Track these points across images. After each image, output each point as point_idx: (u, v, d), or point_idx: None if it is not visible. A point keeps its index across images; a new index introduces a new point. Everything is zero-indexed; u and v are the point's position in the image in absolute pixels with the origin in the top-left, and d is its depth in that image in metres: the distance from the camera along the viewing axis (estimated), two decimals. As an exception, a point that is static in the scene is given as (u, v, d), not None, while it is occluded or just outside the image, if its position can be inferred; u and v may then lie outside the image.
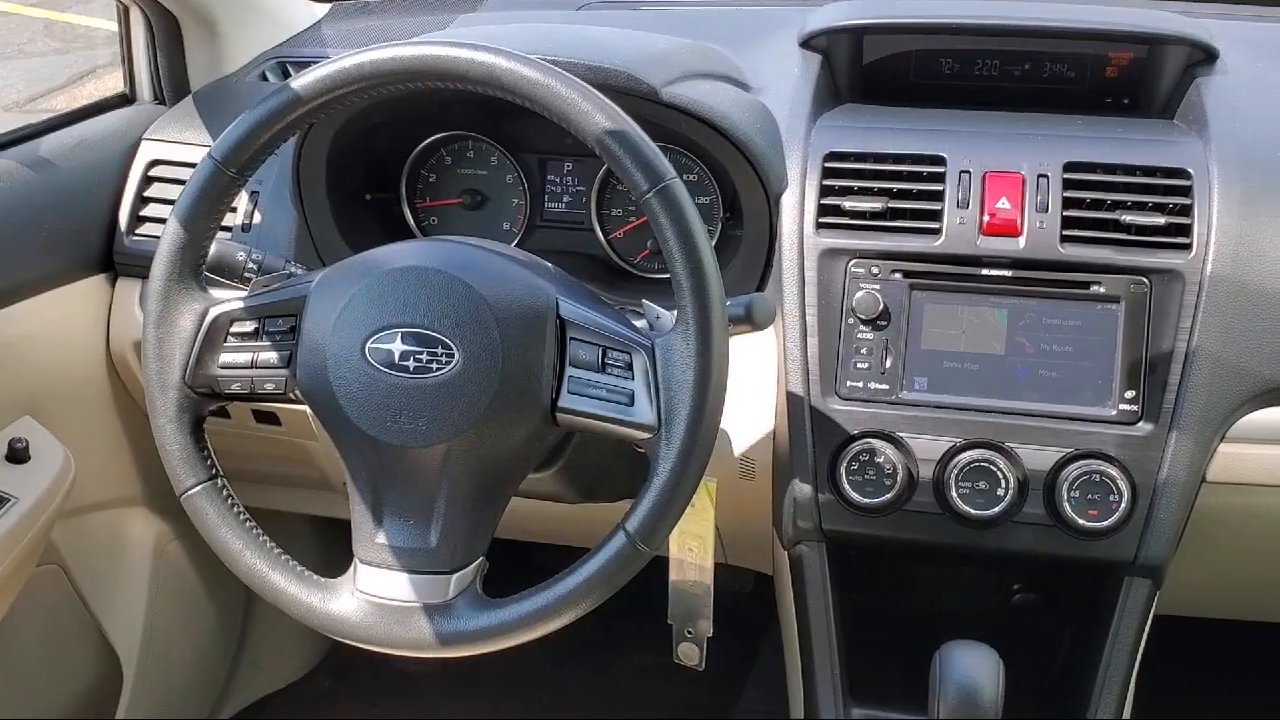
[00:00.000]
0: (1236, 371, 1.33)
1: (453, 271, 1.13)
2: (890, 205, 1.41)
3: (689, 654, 1.52)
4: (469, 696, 2.19)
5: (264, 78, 1.80)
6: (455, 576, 1.14)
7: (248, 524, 1.20)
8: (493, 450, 1.13)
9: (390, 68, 1.14)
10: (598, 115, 1.10)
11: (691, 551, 1.47)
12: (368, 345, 1.12)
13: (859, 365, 1.40)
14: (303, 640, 2.27)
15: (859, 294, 1.40)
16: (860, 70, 1.64)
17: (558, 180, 1.65)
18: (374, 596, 1.15)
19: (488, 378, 1.10)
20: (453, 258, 1.15)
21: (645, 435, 1.11)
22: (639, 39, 1.54)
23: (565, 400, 1.13)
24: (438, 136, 1.64)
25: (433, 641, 1.14)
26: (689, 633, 1.51)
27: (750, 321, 1.19)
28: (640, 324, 1.17)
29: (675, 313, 1.11)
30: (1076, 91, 1.60)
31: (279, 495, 1.93)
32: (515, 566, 1.31)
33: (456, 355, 1.10)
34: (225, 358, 1.21)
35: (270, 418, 1.66)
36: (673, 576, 1.50)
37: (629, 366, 1.12)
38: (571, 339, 1.14)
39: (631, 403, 1.12)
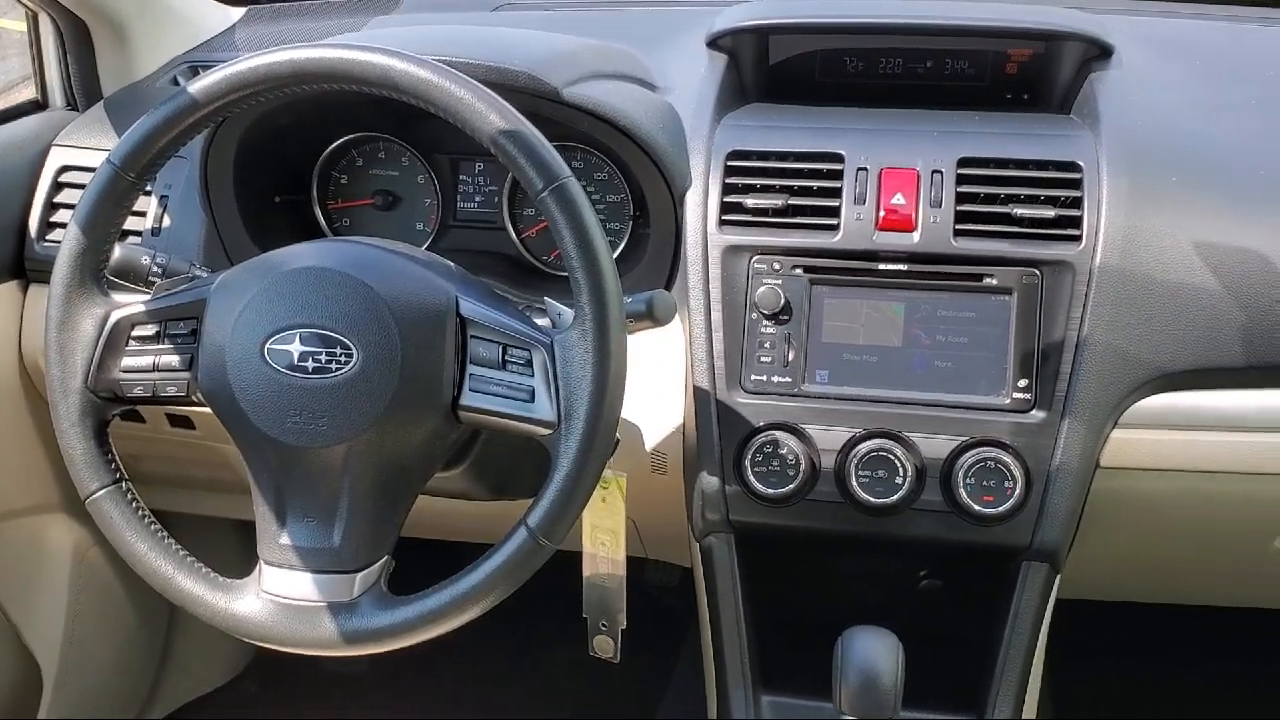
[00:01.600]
0: (1126, 359, 1.37)
1: (351, 271, 1.14)
2: (790, 202, 1.44)
3: (604, 646, 1.54)
4: (396, 695, 2.20)
5: (175, 82, 1.79)
6: (360, 575, 1.16)
7: (152, 527, 1.21)
8: (395, 449, 1.14)
9: (286, 71, 1.15)
10: (492, 115, 1.11)
11: (604, 545, 1.49)
12: (267, 346, 1.13)
13: (763, 359, 1.43)
14: (229, 644, 2.27)
15: (761, 289, 1.42)
16: (767, 70, 1.66)
17: (470, 180, 1.67)
18: (279, 597, 1.16)
19: (387, 377, 1.11)
20: (351, 258, 1.16)
21: (546, 431, 1.13)
22: (545, 40, 1.56)
23: (466, 398, 1.15)
24: (348, 138, 1.64)
25: (337, 640, 1.15)
26: (604, 626, 1.53)
27: (651, 317, 1.21)
28: (543, 322, 1.18)
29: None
30: (978, 88, 1.64)
31: (199, 499, 1.93)
32: (429, 564, 1.32)
33: (356, 355, 1.11)
34: (127, 361, 1.21)
35: (184, 421, 1.66)
36: (586, 571, 1.51)
37: (529, 363, 1.14)
38: (472, 337, 1.16)
39: (532, 399, 1.13)
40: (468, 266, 1.27)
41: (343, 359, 1.12)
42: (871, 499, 1.38)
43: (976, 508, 1.36)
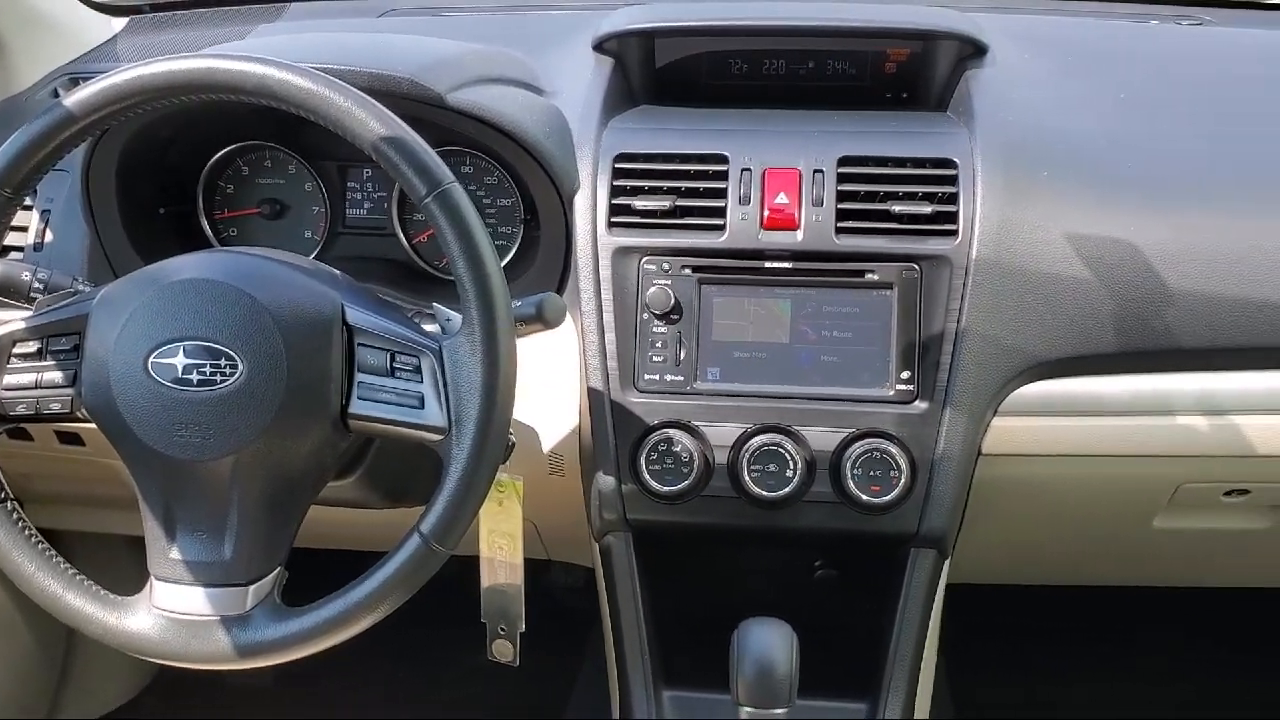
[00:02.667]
0: (1003, 349, 1.41)
1: (234, 282, 1.14)
2: (678, 204, 1.46)
3: (503, 651, 1.54)
4: (301, 704, 2.18)
5: (55, 94, 1.76)
6: (252, 588, 1.15)
7: (39, 545, 1.19)
8: (284, 460, 1.14)
9: (163, 82, 1.14)
10: (372, 122, 1.12)
11: (502, 550, 1.49)
12: (150, 360, 1.12)
13: (655, 359, 1.45)
14: (129, 662, 2.23)
15: (651, 290, 1.44)
16: (653, 73, 1.68)
17: (358, 187, 1.66)
18: (171, 612, 1.15)
19: (273, 388, 1.11)
20: (234, 269, 1.16)
21: (437, 437, 1.14)
22: (430, 45, 1.56)
23: (355, 406, 1.15)
24: (233, 147, 1.63)
25: (231, 654, 1.14)
26: (503, 630, 1.54)
27: (542, 320, 1.22)
28: (432, 327, 1.19)
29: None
30: (859, 87, 1.67)
31: (93, 516, 1.90)
32: (329, 575, 1.32)
33: (241, 366, 1.11)
34: (9, 379, 1.19)
35: (73, 438, 1.63)
36: (484, 575, 1.52)
37: (417, 370, 1.15)
38: (359, 345, 1.16)
39: (421, 405, 1.14)
40: (358, 273, 1.27)
41: (228, 371, 1.11)
42: (764, 493, 1.41)
43: (864, 498, 1.40)
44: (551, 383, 1.49)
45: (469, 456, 1.12)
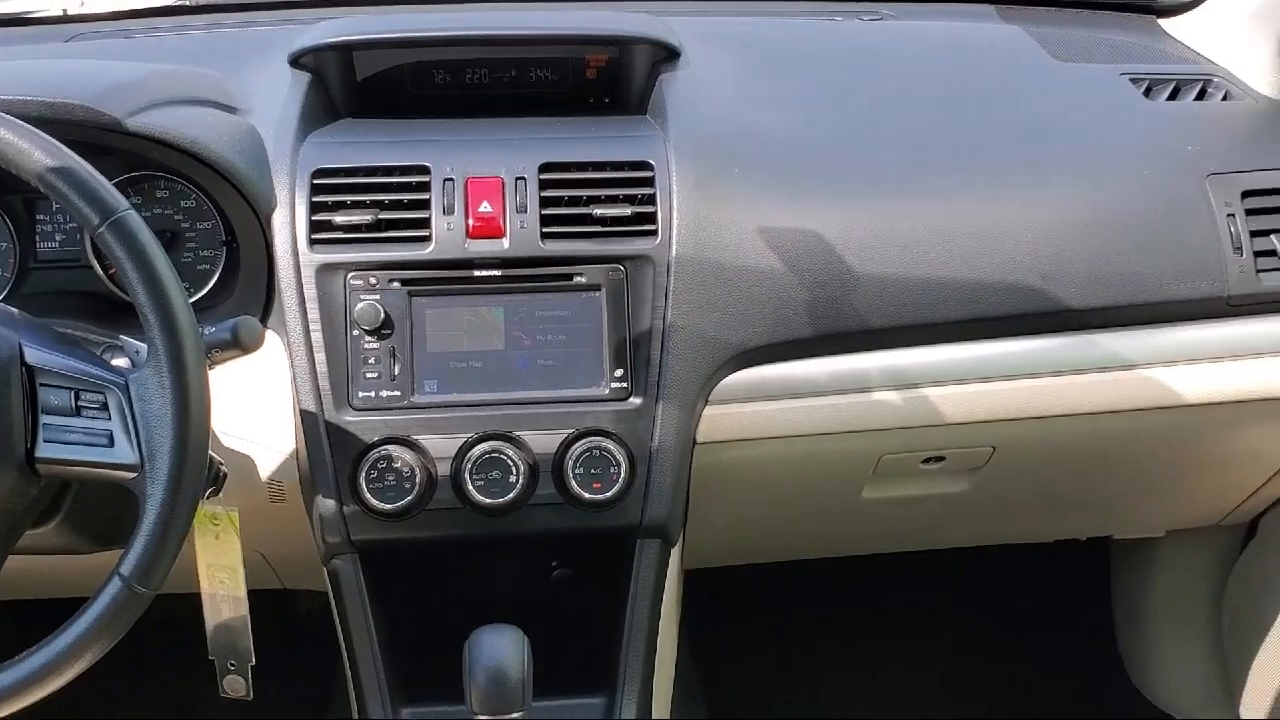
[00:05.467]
0: (708, 341, 1.46)
1: None
2: (381, 217, 1.45)
3: (235, 686, 1.50)
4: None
5: None
6: None
7: None
8: (-32, 513, 1.08)
9: None
10: (36, 153, 1.07)
11: (223, 584, 1.45)
12: None
13: (369, 375, 1.44)
14: None
15: (360, 305, 1.43)
16: (354, 86, 1.66)
17: (48, 219, 1.58)
18: None
19: None
20: None
21: (130, 475, 1.10)
22: (109, 69, 1.50)
23: (42, 450, 1.10)
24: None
25: None
26: (232, 665, 1.49)
27: (238, 345, 1.19)
28: (121, 361, 1.15)
29: None
30: (562, 93, 1.70)
31: None
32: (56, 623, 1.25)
33: None
34: None
35: None
36: (207, 611, 1.47)
37: (104, 406, 1.10)
38: (41, 385, 1.11)
39: (111, 443, 1.10)
40: (54, 309, 1.22)
41: None
42: (488, 500, 1.41)
43: (587, 495, 1.42)
44: (263, 408, 1.45)
45: (165, 493, 1.08)
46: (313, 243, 1.44)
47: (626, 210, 1.46)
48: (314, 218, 1.45)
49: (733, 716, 2.33)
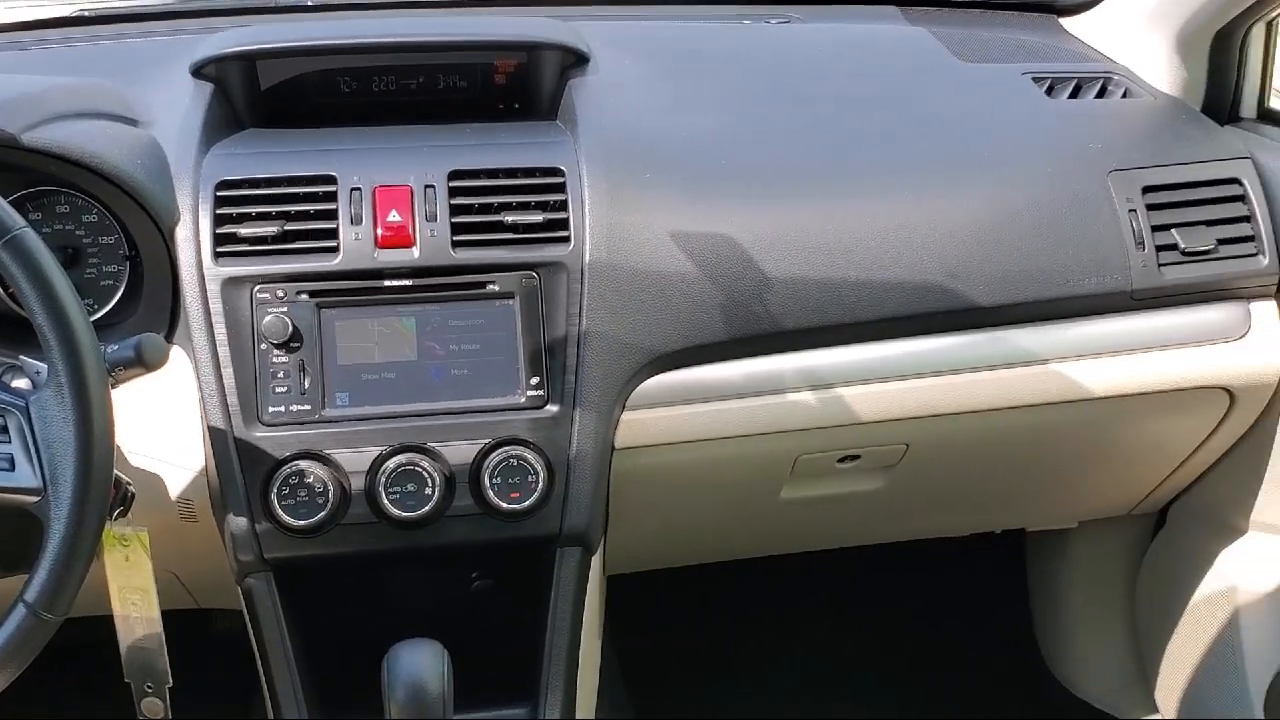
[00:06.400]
0: (624, 346, 1.46)
1: None
2: (287, 228, 1.42)
3: (153, 709, 1.47)
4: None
5: None
6: None
7: None
8: None
9: None
10: None
11: (135, 606, 1.41)
12: None
13: (278, 389, 1.41)
14: None
15: (267, 319, 1.40)
16: (258, 95, 1.63)
17: None
18: None
19: None
20: None
21: (33, 499, 1.07)
22: (6, 83, 1.46)
23: None
24: None
25: None
26: (149, 687, 1.46)
27: (141, 363, 1.17)
28: (20, 383, 1.12)
29: None
30: (471, 100, 1.69)
31: None
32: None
33: None
34: None
35: None
36: (121, 634, 1.44)
37: (4, 429, 1.08)
38: None
39: (12, 467, 1.08)
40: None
41: None
42: (404, 513, 1.40)
43: (504, 505, 1.41)
44: (171, 426, 1.42)
45: (68, 516, 1.06)
46: (217, 256, 1.41)
47: (538, 217, 1.45)
48: (218, 230, 1.42)
49: (660, 718, 2.33)
